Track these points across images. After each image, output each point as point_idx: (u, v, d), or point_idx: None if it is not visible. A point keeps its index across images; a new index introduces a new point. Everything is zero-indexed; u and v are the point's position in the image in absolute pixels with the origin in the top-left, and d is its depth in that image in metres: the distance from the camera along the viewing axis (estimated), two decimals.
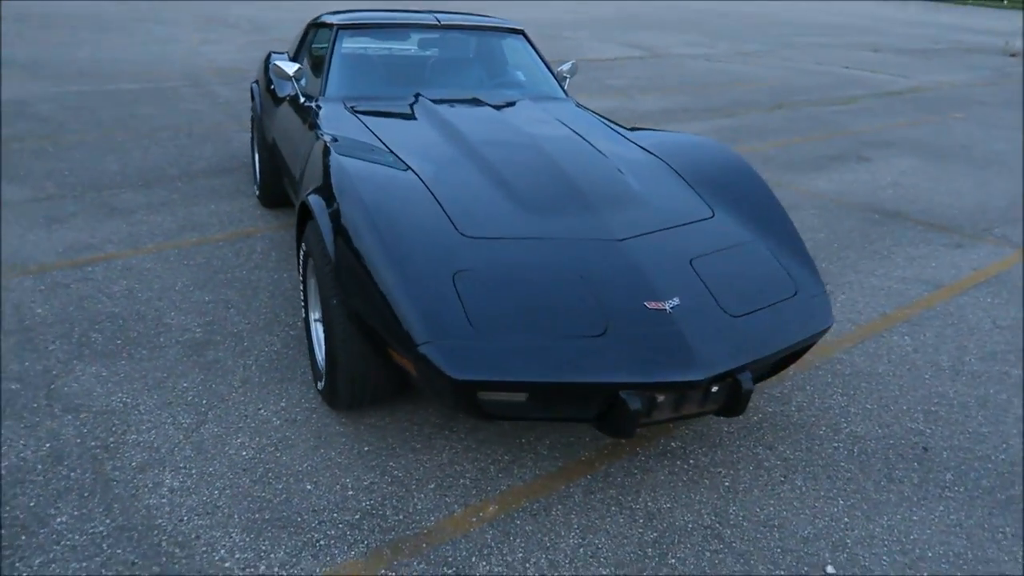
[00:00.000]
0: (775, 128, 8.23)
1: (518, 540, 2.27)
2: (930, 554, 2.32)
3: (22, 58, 9.59)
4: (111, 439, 2.59)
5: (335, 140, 2.97)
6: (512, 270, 2.37)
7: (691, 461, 2.68)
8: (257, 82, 4.96)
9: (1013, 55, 17.83)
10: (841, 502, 2.52)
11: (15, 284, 3.64)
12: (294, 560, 2.14)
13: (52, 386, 2.86)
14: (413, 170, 2.81)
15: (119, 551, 2.13)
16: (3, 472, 2.40)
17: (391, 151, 3.00)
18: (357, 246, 2.39)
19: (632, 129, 3.58)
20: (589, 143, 3.22)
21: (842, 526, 2.41)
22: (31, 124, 6.56)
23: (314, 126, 3.37)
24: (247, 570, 2.09)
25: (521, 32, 4.34)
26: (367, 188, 2.54)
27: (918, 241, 4.98)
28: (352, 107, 3.54)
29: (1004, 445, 2.88)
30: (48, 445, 2.54)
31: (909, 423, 2.98)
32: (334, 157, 2.74)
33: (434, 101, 3.54)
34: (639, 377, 2.16)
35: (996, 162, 7.34)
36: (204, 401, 2.83)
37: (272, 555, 2.15)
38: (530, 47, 4.33)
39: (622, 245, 2.52)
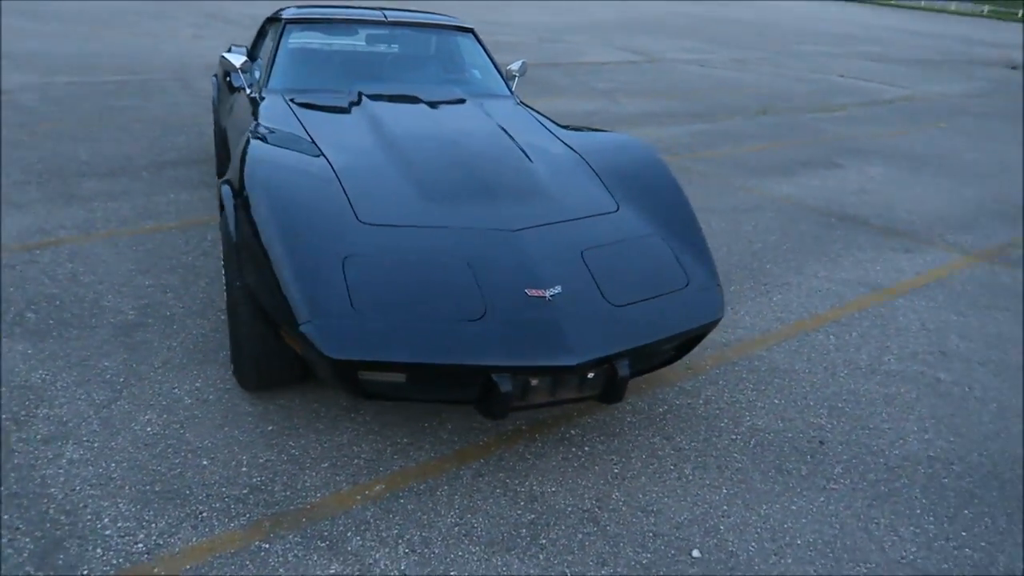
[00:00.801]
0: (753, 133, 8.28)
1: (397, 517, 2.34)
2: (799, 541, 2.38)
3: (16, 51, 9.77)
4: (22, 413, 2.68)
5: (257, 130, 3.06)
6: (400, 255, 2.45)
7: (586, 448, 2.75)
8: (216, 75, 5.07)
9: (1014, 68, 17.78)
10: (724, 491, 2.58)
11: None
12: (173, 530, 2.22)
13: None
14: (328, 160, 2.89)
15: (5, 516, 2.21)
16: None
17: (313, 142, 3.08)
18: (256, 229, 2.47)
19: (566, 128, 3.65)
20: (512, 139, 3.29)
21: (719, 513, 2.47)
22: (10, 113, 6.69)
23: (254, 116, 3.46)
24: (126, 538, 2.18)
25: (471, 31, 4.43)
26: (272, 174, 2.62)
27: (868, 246, 5.02)
28: (291, 99, 3.63)
29: (900, 441, 2.93)
30: None
31: (812, 418, 3.04)
32: (251, 145, 2.83)
33: (370, 97, 3.63)
34: (510, 360, 2.23)
35: (967, 171, 7.37)
36: (121, 380, 2.92)
37: (153, 525, 2.23)
38: (478, 46, 4.41)
39: (515, 235, 2.60)
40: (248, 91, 3.89)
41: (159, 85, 8.38)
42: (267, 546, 2.19)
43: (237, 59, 3.89)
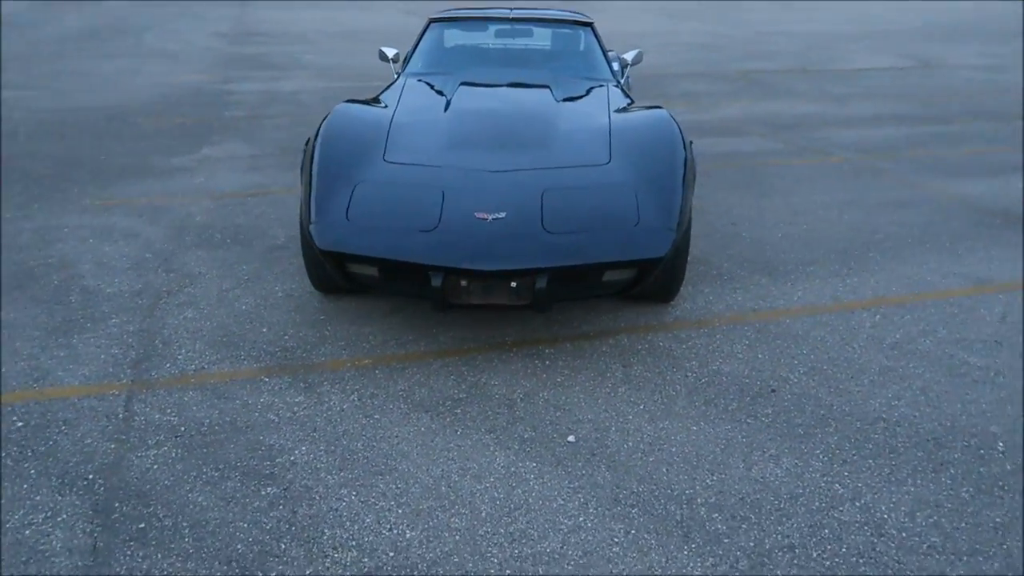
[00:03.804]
0: (984, 137, 7.52)
1: (364, 379, 3.07)
2: (673, 449, 2.65)
3: (298, 63, 12.10)
4: (175, 288, 3.86)
5: (354, 98, 3.97)
6: (395, 185, 3.17)
7: (547, 362, 3.22)
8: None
9: None
10: (640, 407, 2.91)
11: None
12: (217, 362, 3.18)
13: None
14: (393, 116, 3.70)
15: (131, 340, 3.34)
16: None
17: (397, 104, 3.91)
18: (309, 158, 3.36)
19: (627, 109, 4.01)
20: (557, 112, 3.80)
21: (620, 419, 2.83)
22: (292, 107, 8.55)
23: (383, 91, 4.42)
24: (189, 363, 3.18)
25: (589, 25, 4.97)
26: (333, 120, 3.51)
27: (1010, 244, 4.59)
28: (411, 79, 4.52)
29: (861, 402, 2.96)
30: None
31: (784, 372, 3.16)
32: (337, 105, 3.75)
33: (468, 82, 4.36)
34: (439, 261, 2.84)
35: None
36: (246, 278, 4.00)
37: (206, 356, 3.22)
38: (593, 38, 4.94)
39: (492, 175, 3.18)
40: (395, 75, 4.87)
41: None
42: (266, 379, 3.06)
43: (390, 52, 4.91)
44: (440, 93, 4.14)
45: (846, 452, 2.66)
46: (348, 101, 3.82)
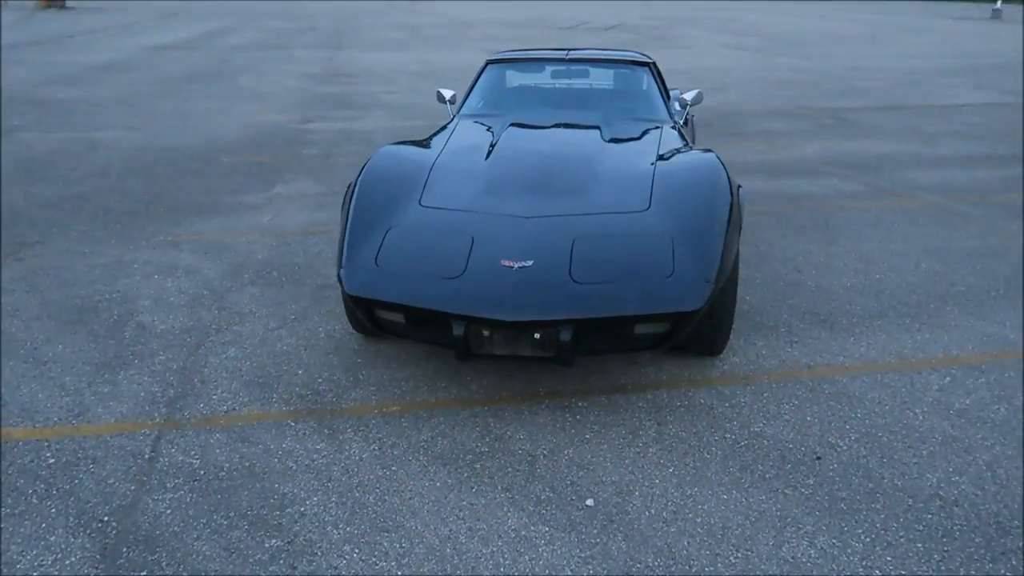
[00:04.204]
0: None
1: (389, 428, 3.02)
2: (698, 520, 2.48)
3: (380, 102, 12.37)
4: (224, 326, 3.94)
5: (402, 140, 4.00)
6: (427, 230, 3.14)
7: (579, 417, 3.10)
8: None
9: None
10: (670, 470, 2.75)
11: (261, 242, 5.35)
12: (249, 402, 3.20)
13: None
14: (436, 158, 3.69)
15: (172, 378, 3.41)
16: None
17: (444, 145, 3.91)
18: (347, 198, 3.38)
19: (681, 151, 3.88)
20: (602, 155, 3.71)
21: (645, 483, 2.67)
22: (360, 147, 8.74)
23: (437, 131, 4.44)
24: (221, 403, 3.21)
25: (648, 65, 4.88)
26: (374, 163, 3.53)
27: None
28: (464, 119, 4.53)
29: (916, 476, 2.70)
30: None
31: (832, 438, 2.95)
32: (384, 146, 3.77)
33: (517, 123, 4.32)
34: (460, 309, 2.78)
35: None
36: (292, 317, 4.05)
37: (240, 397, 3.24)
38: (651, 78, 4.84)
39: (523, 220, 3.11)
40: (449, 116, 4.90)
41: None
42: (292, 423, 3.05)
43: (447, 93, 4.95)
44: (489, 135, 4.12)
45: (892, 533, 2.42)
46: (396, 143, 3.84)
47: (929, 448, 2.87)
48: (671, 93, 5.03)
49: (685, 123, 5.16)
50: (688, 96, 4.83)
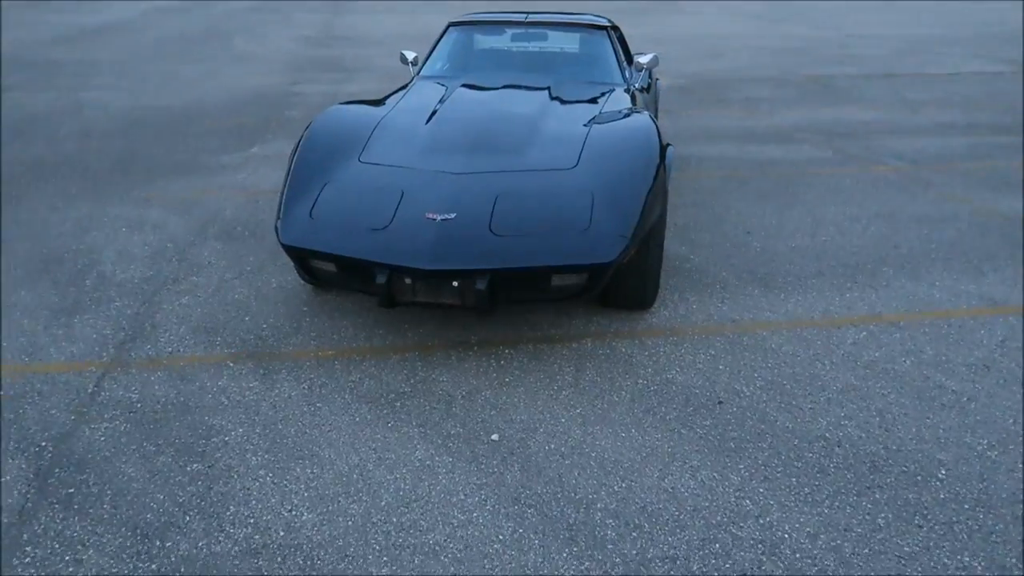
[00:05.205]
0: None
1: (321, 370, 3.20)
2: (592, 454, 2.65)
3: None
4: (181, 275, 4.12)
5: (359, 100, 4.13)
6: (361, 184, 3.29)
7: (503, 362, 3.26)
8: None
9: None
10: (577, 411, 2.92)
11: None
12: (192, 346, 3.38)
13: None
14: (383, 116, 3.82)
15: (124, 323, 3.59)
16: None
17: (396, 105, 4.03)
18: (291, 157, 3.53)
19: (626, 113, 3.98)
20: (542, 115, 3.82)
21: (551, 423, 2.84)
22: None
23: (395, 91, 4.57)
24: (168, 345, 3.40)
25: (605, 28, 4.96)
26: (317, 122, 3.66)
27: None
28: (425, 81, 4.65)
29: (809, 420, 2.86)
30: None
31: (738, 386, 3.09)
32: (332, 105, 3.91)
33: (468, 84, 4.43)
34: (382, 258, 2.94)
35: None
36: (248, 269, 4.22)
37: (187, 341, 3.43)
38: (607, 41, 4.92)
39: (452, 176, 3.25)
40: (411, 76, 5.02)
41: None
42: (231, 364, 3.24)
43: (410, 55, 5.06)
44: (440, 95, 4.24)
45: (770, 469, 2.58)
46: (346, 102, 3.97)
47: (827, 396, 3.02)
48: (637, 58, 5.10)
49: (648, 88, 5.24)
50: (643, 59, 4.91)
